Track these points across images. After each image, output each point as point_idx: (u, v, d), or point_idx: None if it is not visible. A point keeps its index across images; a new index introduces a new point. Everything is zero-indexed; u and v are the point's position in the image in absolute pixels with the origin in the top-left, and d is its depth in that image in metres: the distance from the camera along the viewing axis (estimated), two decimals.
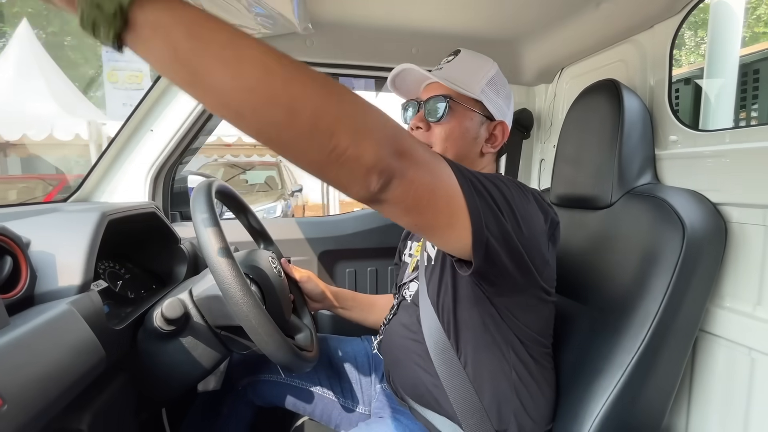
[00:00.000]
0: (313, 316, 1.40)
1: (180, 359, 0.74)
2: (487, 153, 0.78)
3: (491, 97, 0.76)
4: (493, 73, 0.77)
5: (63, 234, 0.66)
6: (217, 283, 0.59)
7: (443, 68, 0.78)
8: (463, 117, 0.75)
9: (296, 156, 0.37)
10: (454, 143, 0.75)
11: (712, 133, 0.82)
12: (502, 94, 0.78)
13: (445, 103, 0.73)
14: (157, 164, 1.22)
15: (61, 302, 0.55)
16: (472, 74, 0.75)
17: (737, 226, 0.75)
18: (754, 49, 1.11)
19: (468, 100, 0.75)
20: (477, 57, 0.79)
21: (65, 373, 0.48)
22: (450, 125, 0.74)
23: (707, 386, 0.80)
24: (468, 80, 0.75)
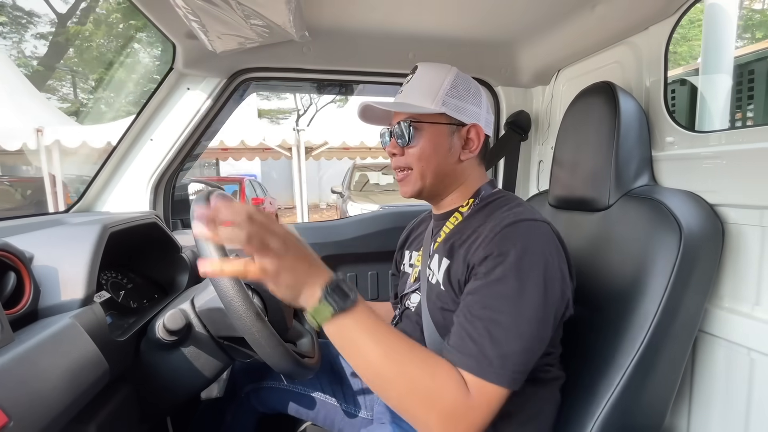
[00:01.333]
0: None
1: (183, 369, 0.74)
2: (467, 159, 0.78)
3: (454, 104, 0.75)
4: (451, 79, 0.76)
5: (65, 248, 0.67)
6: (218, 296, 0.60)
7: (403, 90, 0.79)
8: (431, 134, 0.76)
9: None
10: (428, 161, 0.76)
11: (709, 134, 0.83)
12: (467, 98, 0.77)
13: (408, 126, 0.75)
14: (158, 173, 1.23)
15: (64, 316, 0.55)
16: (428, 89, 0.76)
17: (734, 227, 0.75)
18: (748, 49, 1.11)
19: (430, 116, 0.75)
20: (433, 68, 0.79)
21: (69, 387, 0.49)
22: (420, 146, 0.76)
23: (708, 387, 0.80)
24: (425, 97, 0.75)
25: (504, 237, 0.62)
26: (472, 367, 0.56)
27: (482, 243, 0.64)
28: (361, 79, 1.33)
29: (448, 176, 0.78)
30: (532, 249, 0.61)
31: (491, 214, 0.71)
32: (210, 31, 0.95)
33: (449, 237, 0.75)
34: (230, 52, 1.08)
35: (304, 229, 1.42)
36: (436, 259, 0.75)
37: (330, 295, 0.53)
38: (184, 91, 1.18)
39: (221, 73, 1.18)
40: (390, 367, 0.55)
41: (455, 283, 0.68)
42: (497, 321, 0.58)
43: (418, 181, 0.77)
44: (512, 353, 0.57)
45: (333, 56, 1.21)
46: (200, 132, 1.24)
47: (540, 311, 0.59)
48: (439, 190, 0.80)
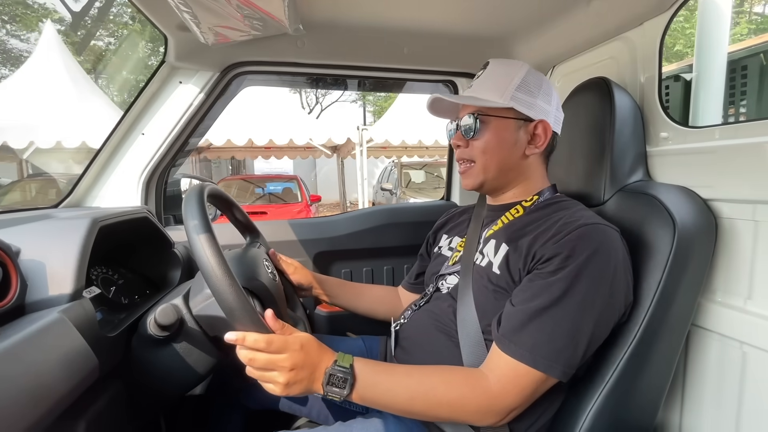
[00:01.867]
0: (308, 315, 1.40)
1: (175, 365, 0.73)
2: (532, 154, 0.79)
3: (524, 99, 0.77)
4: (522, 74, 0.78)
5: (53, 242, 0.66)
6: (220, 306, 0.58)
7: (473, 86, 0.82)
8: (497, 128, 0.78)
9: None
10: (492, 154, 0.78)
11: (702, 129, 0.83)
12: (538, 93, 0.78)
13: (474, 119, 0.78)
14: (150, 168, 1.21)
15: (52, 311, 0.54)
16: (497, 84, 0.78)
17: (727, 221, 0.76)
18: (741, 45, 1.12)
19: (497, 110, 0.77)
20: (504, 65, 0.81)
21: (57, 383, 0.48)
22: (485, 138, 0.78)
23: (700, 380, 0.81)
24: (495, 91, 0.77)
25: (578, 237, 0.64)
26: (524, 357, 0.61)
27: (554, 238, 0.66)
28: (357, 73, 1.32)
29: (512, 170, 0.80)
30: (605, 254, 0.64)
31: (558, 212, 0.73)
32: (202, 23, 0.93)
33: (510, 226, 0.78)
34: (223, 45, 1.07)
35: (298, 225, 1.41)
36: (492, 245, 0.77)
37: (330, 387, 0.61)
38: (177, 85, 1.16)
39: (214, 66, 1.16)
40: (412, 405, 0.63)
41: (514, 270, 0.70)
42: (556, 317, 0.61)
43: (480, 174, 0.80)
44: (565, 348, 0.61)
45: (328, 50, 1.20)
46: (193, 126, 1.23)
47: (601, 314, 0.63)
48: (501, 184, 0.82)
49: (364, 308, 1.03)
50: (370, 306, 1.03)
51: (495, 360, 0.64)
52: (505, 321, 0.65)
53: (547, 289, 0.62)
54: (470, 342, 0.72)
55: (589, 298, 0.61)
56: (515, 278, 0.69)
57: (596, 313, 0.62)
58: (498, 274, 0.72)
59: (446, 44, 1.23)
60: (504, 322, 0.65)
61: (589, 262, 0.62)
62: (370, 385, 0.62)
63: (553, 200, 0.79)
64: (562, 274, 0.62)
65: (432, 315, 0.82)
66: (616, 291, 0.64)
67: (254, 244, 0.96)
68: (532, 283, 0.65)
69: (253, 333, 0.58)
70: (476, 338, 0.72)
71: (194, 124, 1.23)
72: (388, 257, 1.46)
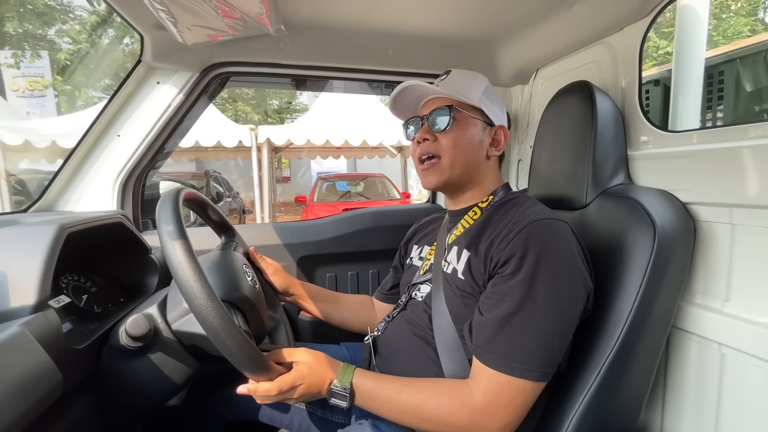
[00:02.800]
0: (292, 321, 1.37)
1: (150, 376, 0.70)
2: (492, 156, 0.83)
3: (488, 104, 0.81)
4: (486, 84, 0.84)
5: (16, 250, 0.62)
6: (203, 328, 0.55)
7: (439, 85, 0.83)
8: (467, 124, 0.80)
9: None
10: (461, 150, 0.79)
11: (681, 133, 0.84)
12: (496, 102, 0.84)
13: (448, 113, 0.78)
14: (126, 170, 1.17)
15: (12, 324, 0.51)
16: (467, 86, 0.81)
17: (705, 224, 0.77)
18: (719, 51, 1.14)
19: (469, 108, 0.80)
20: (468, 73, 0.85)
21: (16, 400, 0.45)
22: (455, 133, 0.79)
23: (680, 381, 0.82)
24: (465, 91, 0.80)
25: (528, 235, 0.65)
26: (500, 366, 0.61)
27: (506, 239, 0.67)
28: (340, 75, 1.30)
29: (475, 170, 0.82)
30: (556, 248, 0.64)
31: (510, 210, 0.74)
32: (179, 22, 0.91)
33: (469, 230, 0.78)
34: (202, 44, 1.04)
35: (282, 228, 1.38)
36: (454, 251, 0.78)
37: (335, 400, 0.67)
38: (154, 85, 1.13)
39: (193, 66, 1.13)
40: (404, 419, 0.67)
41: (477, 275, 0.71)
42: (523, 321, 0.62)
43: (446, 170, 0.80)
44: (537, 349, 0.61)
45: (311, 52, 1.18)
46: (171, 128, 1.19)
47: (564, 309, 0.63)
48: (463, 183, 0.83)
49: (339, 319, 1.02)
50: (345, 316, 1.02)
51: (477, 372, 0.65)
52: (476, 331, 0.66)
53: (510, 294, 0.63)
54: (448, 347, 0.72)
55: (550, 295, 0.62)
56: (479, 283, 0.70)
57: (560, 308, 0.63)
58: (463, 280, 0.73)
59: (431, 47, 1.22)
60: (476, 332, 0.66)
61: (542, 260, 0.63)
62: (368, 398, 0.67)
63: (507, 198, 0.81)
64: (520, 276, 0.63)
65: (408, 320, 0.82)
66: (575, 281, 0.65)
67: (230, 244, 0.93)
68: (495, 289, 0.66)
69: (264, 384, 0.63)
70: (454, 343, 0.72)
71: (173, 126, 1.19)
72: (372, 261, 1.44)
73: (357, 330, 1.02)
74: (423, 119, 0.82)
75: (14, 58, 8.28)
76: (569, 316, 0.64)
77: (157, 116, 1.14)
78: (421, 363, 0.76)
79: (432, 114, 0.80)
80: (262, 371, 0.61)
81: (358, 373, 0.68)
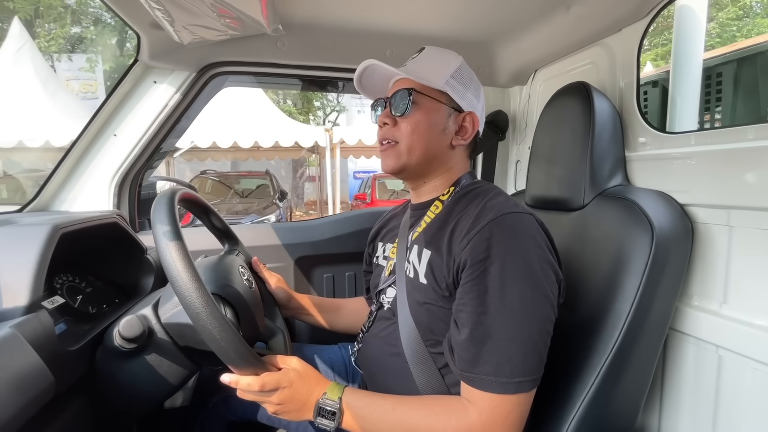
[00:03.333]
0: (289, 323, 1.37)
1: (144, 378, 0.70)
2: (458, 145, 0.77)
3: (457, 88, 0.75)
4: (458, 64, 0.77)
5: (9, 250, 0.62)
6: (187, 314, 0.55)
7: (407, 65, 0.78)
8: (429, 109, 0.74)
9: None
10: (420, 136, 0.73)
11: (679, 135, 0.84)
12: (469, 86, 0.77)
13: (408, 96, 0.73)
14: (122, 170, 1.16)
15: (3, 326, 0.50)
16: (435, 67, 0.75)
17: (703, 226, 0.76)
18: (717, 52, 1.14)
19: (433, 92, 0.74)
20: (441, 51, 0.79)
21: (6, 403, 0.44)
22: (415, 118, 0.73)
23: (678, 383, 0.82)
24: (431, 73, 0.74)
25: (491, 234, 0.60)
26: (491, 387, 0.58)
27: (467, 237, 0.62)
28: (338, 75, 1.30)
29: (436, 158, 0.76)
30: (521, 246, 0.61)
31: (471, 202, 0.69)
32: (176, 21, 0.90)
33: (430, 227, 0.73)
34: (199, 44, 1.03)
35: (280, 229, 1.38)
36: (415, 251, 0.73)
37: (320, 419, 0.63)
38: (151, 85, 1.12)
39: (190, 66, 1.12)
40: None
41: (440, 277, 0.66)
42: (503, 332, 0.58)
43: (403, 155, 0.74)
44: (525, 358, 0.58)
45: (308, 52, 1.17)
46: (168, 128, 1.19)
47: (542, 308, 0.60)
48: (423, 171, 0.77)
49: (342, 325, 1.00)
50: (347, 322, 1.00)
51: (469, 394, 0.61)
52: (458, 354, 0.61)
53: (482, 303, 0.59)
54: (417, 360, 0.69)
55: (525, 297, 0.58)
56: (441, 286, 0.66)
57: (537, 308, 0.59)
58: (425, 285, 0.68)
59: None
60: (458, 355, 0.62)
61: (509, 261, 0.59)
62: (358, 418, 0.62)
63: (470, 188, 0.76)
64: (489, 282, 0.59)
65: (379, 340, 0.78)
66: (546, 276, 0.61)
67: (233, 251, 0.93)
68: (465, 299, 0.61)
69: (247, 377, 0.60)
70: (422, 355, 0.69)
71: (170, 125, 1.19)
72: None
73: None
74: (386, 102, 0.77)
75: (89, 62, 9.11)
76: (548, 313, 0.61)
77: (153, 116, 1.13)
78: (399, 381, 0.73)
79: (393, 97, 0.75)
80: (245, 363, 0.58)
81: (348, 390, 0.64)
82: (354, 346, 0.88)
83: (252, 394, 0.61)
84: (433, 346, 0.69)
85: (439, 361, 0.68)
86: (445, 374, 0.68)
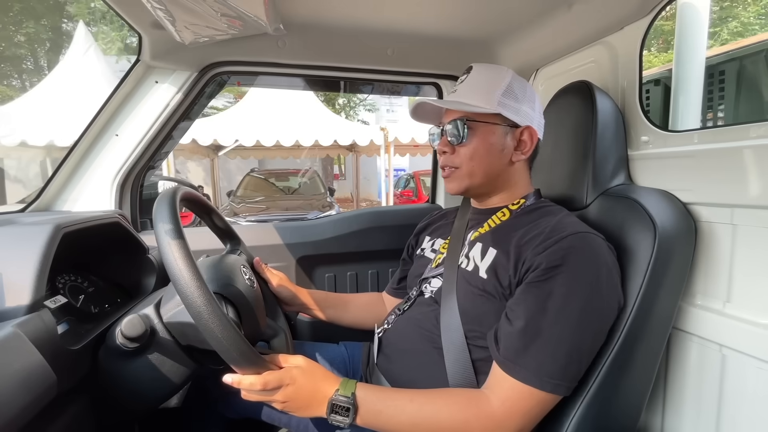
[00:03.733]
0: (290, 322, 1.37)
1: (147, 377, 0.70)
2: (518, 161, 0.79)
3: (510, 105, 0.76)
4: (508, 80, 0.77)
5: (11, 250, 0.62)
6: (189, 313, 0.54)
7: (458, 90, 0.79)
8: (485, 133, 0.76)
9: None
10: (480, 161, 0.77)
11: (681, 133, 0.84)
12: (523, 100, 0.77)
13: (463, 125, 0.75)
14: (124, 170, 1.16)
15: (6, 325, 0.51)
16: (485, 90, 0.76)
17: (706, 225, 0.76)
18: (719, 50, 1.14)
19: (486, 116, 0.76)
20: (488, 69, 0.79)
21: (8, 402, 0.44)
22: (473, 145, 0.76)
23: (681, 383, 0.81)
24: (482, 96, 0.75)
25: (568, 246, 0.64)
26: (530, 380, 0.59)
27: (543, 244, 0.65)
28: (340, 75, 1.30)
29: (499, 177, 0.79)
30: (594, 263, 0.63)
31: (543, 217, 0.73)
32: (177, 21, 0.90)
33: (497, 230, 0.77)
34: (200, 44, 1.03)
35: (282, 228, 1.38)
36: (478, 248, 0.75)
37: (334, 416, 0.62)
38: (153, 85, 1.12)
39: (192, 66, 1.13)
40: (420, 428, 0.62)
41: (503, 275, 0.68)
42: (557, 334, 0.60)
43: (465, 179, 0.78)
44: (569, 364, 0.61)
45: (310, 51, 1.17)
46: (170, 127, 1.19)
47: (596, 324, 0.63)
48: (487, 190, 0.81)
49: (350, 320, 1.01)
50: (355, 317, 1.01)
51: (499, 382, 0.63)
52: (505, 341, 0.63)
53: (543, 305, 0.61)
54: (454, 348, 0.71)
55: (585, 310, 0.61)
56: (503, 284, 0.68)
57: (593, 323, 0.63)
58: (485, 279, 0.71)
59: (431, 46, 1.22)
60: (504, 342, 0.63)
61: (580, 273, 0.62)
62: (373, 412, 0.63)
63: (538, 205, 0.79)
64: (555, 287, 0.61)
65: (415, 322, 0.80)
66: (609, 298, 0.64)
67: (235, 251, 0.93)
68: (526, 296, 0.64)
69: (249, 377, 0.60)
70: (460, 344, 0.71)
71: (171, 125, 1.19)
72: (372, 261, 1.44)
73: (368, 328, 1.00)
74: (441, 130, 0.80)
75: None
76: (600, 332, 0.64)
77: (155, 116, 1.14)
78: (424, 366, 0.75)
79: (448, 126, 0.78)
80: (247, 362, 0.58)
81: (360, 386, 0.65)
82: (383, 325, 0.89)
83: (255, 394, 0.61)
84: (474, 339, 0.70)
85: (475, 353, 0.70)
86: (476, 367, 0.70)
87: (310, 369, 0.65)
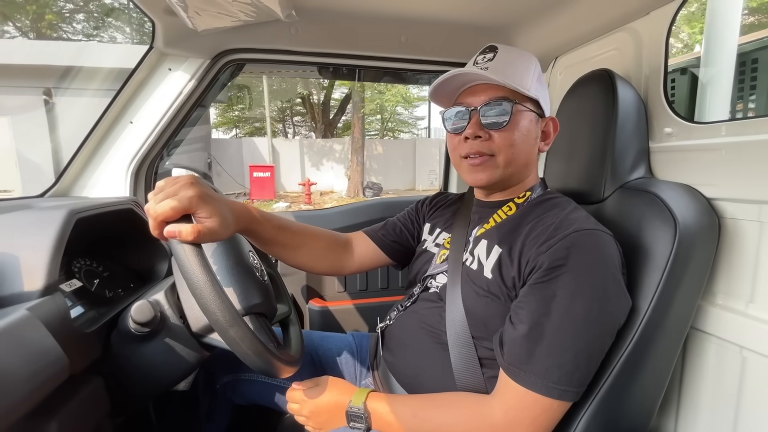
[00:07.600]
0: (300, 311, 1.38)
1: (158, 361, 0.71)
2: (542, 151, 0.76)
3: (542, 93, 0.72)
4: (538, 66, 0.73)
5: (27, 234, 0.63)
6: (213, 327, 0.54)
7: (489, 67, 0.69)
8: (526, 119, 0.70)
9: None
10: (518, 150, 0.70)
11: (708, 125, 0.79)
12: (546, 88, 0.74)
13: (510, 106, 0.67)
14: (138, 157, 1.18)
15: (20, 307, 0.52)
16: (523, 71, 0.70)
17: (731, 221, 0.73)
18: (753, 37, 1.07)
19: (525, 100, 0.70)
20: (516, 52, 0.72)
21: (21, 383, 0.45)
22: (516, 130, 0.69)
23: (697, 385, 0.79)
24: (521, 78, 0.68)
25: (573, 244, 0.60)
26: (536, 386, 0.57)
27: (547, 243, 0.62)
28: (353, 63, 1.28)
29: (527, 167, 0.75)
30: (601, 262, 0.60)
31: (549, 211, 0.69)
32: (189, 7, 0.90)
33: (502, 226, 0.73)
34: (213, 30, 1.03)
35: (295, 217, 1.38)
36: (483, 246, 0.72)
37: (354, 423, 0.68)
38: (166, 72, 1.13)
39: (204, 53, 1.12)
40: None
41: (507, 276, 0.66)
42: (562, 338, 0.58)
43: (500, 168, 0.70)
44: (577, 369, 0.58)
45: (322, 38, 1.16)
46: (183, 115, 1.19)
47: (603, 326, 0.60)
48: (513, 181, 0.75)
49: (300, 263, 0.88)
50: (305, 261, 0.88)
51: (504, 388, 0.61)
52: (510, 347, 0.61)
53: (546, 307, 0.59)
54: (459, 342, 0.70)
55: (591, 312, 0.58)
56: (508, 285, 0.66)
57: (600, 325, 0.60)
58: (490, 279, 0.68)
59: (446, 33, 1.19)
60: (509, 347, 0.61)
61: (585, 273, 0.59)
62: (385, 422, 0.67)
63: (545, 197, 0.76)
64: (560, 288, 0.59)
65: (418, 317, 0.79)
66: (615, 298, 0.61)
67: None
68: (529, 298, 0.61)
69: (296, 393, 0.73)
70: (465, 339, 0.69)
71: (185, 113, 1.19)
72: None
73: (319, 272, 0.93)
74: (471, 112, 0.69)
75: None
76: (607, 334, 0.61)
77: (168, 103, 1.14)
78: (426, 360, 0.74)
79: (486, 107, 0.68)
80: (276, 371, 0.62)
81: (371, 396, 0.68)
82: (385, 321, 0.87)
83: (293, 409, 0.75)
84: (480, 340, 0.69)
85: (481, 351, 0.68)
86: (484, 365, 0.68)
87: (335, 379, 0.73)
